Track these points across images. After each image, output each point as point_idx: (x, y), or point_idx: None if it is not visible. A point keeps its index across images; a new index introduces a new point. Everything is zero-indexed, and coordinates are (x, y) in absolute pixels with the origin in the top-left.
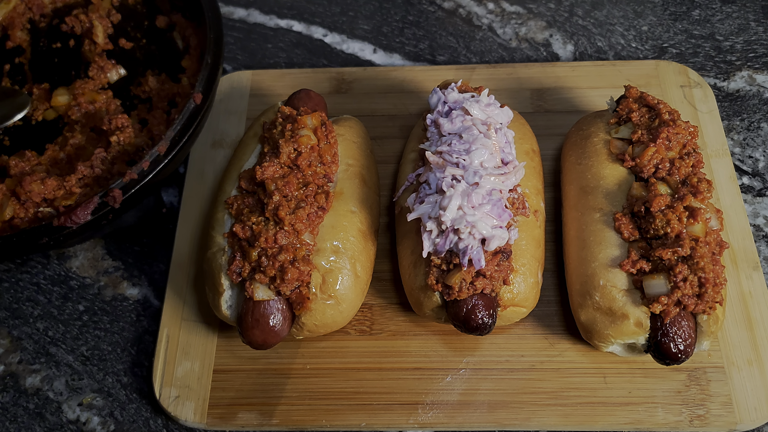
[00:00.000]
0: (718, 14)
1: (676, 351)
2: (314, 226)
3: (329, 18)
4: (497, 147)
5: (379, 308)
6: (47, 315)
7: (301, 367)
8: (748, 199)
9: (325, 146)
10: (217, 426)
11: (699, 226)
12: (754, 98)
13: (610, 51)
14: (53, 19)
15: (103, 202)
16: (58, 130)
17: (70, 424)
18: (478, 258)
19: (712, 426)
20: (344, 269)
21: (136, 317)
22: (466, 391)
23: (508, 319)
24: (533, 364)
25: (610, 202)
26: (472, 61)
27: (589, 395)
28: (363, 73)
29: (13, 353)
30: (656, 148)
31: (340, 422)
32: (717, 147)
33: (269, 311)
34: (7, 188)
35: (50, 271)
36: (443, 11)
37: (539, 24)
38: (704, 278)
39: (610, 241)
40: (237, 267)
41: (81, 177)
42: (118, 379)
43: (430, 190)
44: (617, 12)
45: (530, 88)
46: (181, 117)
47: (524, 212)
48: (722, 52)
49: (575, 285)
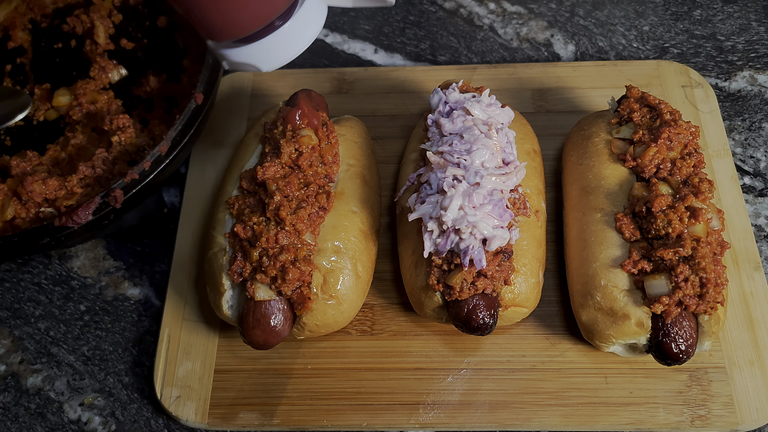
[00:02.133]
0: (719, 14)
1: (677, 351)
2: (315, 226)
3: (330, 18)
4: (498, 147)
5: (380, 308)
6: (48, 315)
7: (302, 367)
8: (749, 199)
9: (327, 146)
10: (218, 426)
11: (700, 227)
12: (755, 98)
13: (611, 51)
14: (54, 19)
15: (105, 202)
16: (59, 130)
17: (71, 424)
18: (479, 258)
19: (714, 426)
20: (345, 269)
21: (138, 317)
22: (467, 392)
23: (509, 319)
24: (534, 365)
25: (612, 202)
26: (473, 62)
27: (591, 395)
28: (364, 73)
29: (15, 353)
30: (657, 148)
31: (341, 422)
32: (718, 147)
33: (270, 311)
34: (8, 188)
35: (51, 271)
36: (444, 11)
37: (540, 24)
38: (705, 278)
39: (611, 242)
40: (238, 267)
41: (82, 177)
42: (120, 379)
43: (431, 190)
44: (618, 12)
45: (531, 88)
46: (183, 117)
47: (525, 212)
48: (723, 52)
49: (576, 285)
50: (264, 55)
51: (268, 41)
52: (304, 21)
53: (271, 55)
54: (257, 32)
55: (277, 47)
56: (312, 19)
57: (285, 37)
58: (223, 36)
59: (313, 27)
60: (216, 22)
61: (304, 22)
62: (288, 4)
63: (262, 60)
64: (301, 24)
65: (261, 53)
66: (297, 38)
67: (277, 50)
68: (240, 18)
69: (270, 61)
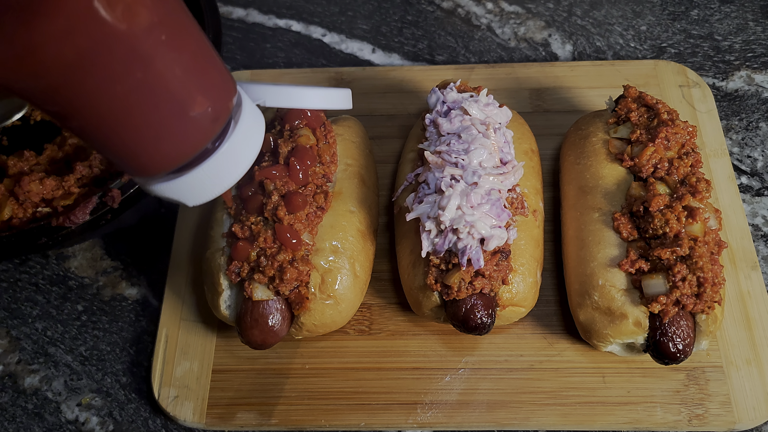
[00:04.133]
0: (716, 14)
1: (674, 350)
2: (313, 226)
3: (328, 18)
4: (496, 147)
5: (378, 308)
6: (46, 315)
7: (300, 367)
8: (746, 198)
9: (324, 146)
10: (216, 426)
11: (698, 226)
12: (752, 98)
13: (608, 51)
14: None
15: (102, 202)
16: (56, 129)
17: (68, 424)
18: (477, 258)
19: (711, 425)
20: (343, 269)
21: (135, 317)
22: (465, 391)
23: (507, 318)
24: (532, 364)
25: (609, 201)
26: (470, 61)
27: (588, 395)
28: (362, 73)
29: (12, 353)
30: (655, 148)
31: (339, 422)
32: (715, 147)
33: (268, 311)
34: (5, 188)
35: (49, 271)
36: (442, 11)
37: (538, 24)
38: (703, 278)
39: (608, 241)
40: (236, 267)
41: (80, 177)
42: (117, 379)
43: (429, 190)
44: (616, 12)
45: (529, 87)
46: None
47: (523, 212)
48: (721, 51)
49: (574, 285)
50: (195, 188)
51: (197, 173)
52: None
53: (203, 186)
54: (190, 161)
55: (210, 178)
56: (249, 138)
57: (221, 163)
58: (137, 174)
59: (251, 146)
60: (128, 164)
61: (242, 140)
62: (211, 137)
63: (191, 194)
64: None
65: (191, 186)
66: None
67: (210, 181)
68: (154, 160)
69: (202, 194)
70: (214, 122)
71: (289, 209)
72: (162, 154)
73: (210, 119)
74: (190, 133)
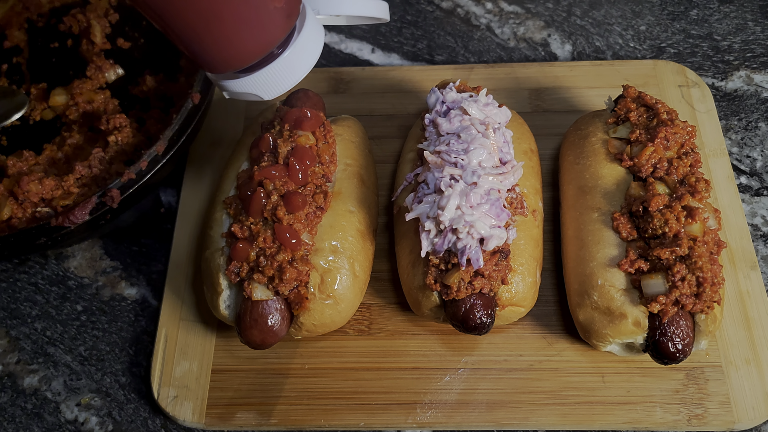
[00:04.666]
0: (715, 14)
1: (674, 350)
2: (312, 226)
3: None
4: (495, 147)
5: (378, 308)
6: (45, 315)
7: (299, 367)
8: (745, 198)
9: (324, 146)
10: (215, 426)
11: (697, 226)
12: (751, 98)
13: (608, 51)
14: (51, 19)
15: (101, 202)
16: (56, 129)
17: (68, 424)
18: (476, 257)
19: (710, 425)
20: (342, 269)
21: (135, 317)
22: (464, 391)
23: (507, 318)
24: (531, 364)
25: (609, 201)
26: (470, 61)
27: (588, 394)
28: (361, 73)
29: (11, 353)
30: (654, 148)
31: (338, 422)
32: (715, 146)
33: (267, 311)
34: (4, 188)
35: (48, 271)
36: (441, 11)
37: (537, 24)
38: (702, 278)
39: (608, 241)
40: (235, 267)
41: (79, 177)
42: (117, 379)
43: (428, 190)
44: (615, 12)
45: (528, 87)
46: (179, 117)
47: (522, 212)
48: (720, 51)
49: (573, 284)
50: (265, 85)
51: (268, 71)
52: (303, 47)
53: (272, 83)
54: (257, 62)
55: (278, 75)
56: (311, 44)
57: (285, 65)
58: (222, 68)
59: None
60: (216, 56)
61: (303, 48)
62: (286, 33)
63: (263, 89)
64: (301, 50)
65: (262, 83)
66: (297, 65)
67: (278, 78)
68: (239, 51)
69: (271, 90)
70: (288, 18)
71: (289, 209)
72: (242, 46)
73: (284, 15)
74: (268, 26)
